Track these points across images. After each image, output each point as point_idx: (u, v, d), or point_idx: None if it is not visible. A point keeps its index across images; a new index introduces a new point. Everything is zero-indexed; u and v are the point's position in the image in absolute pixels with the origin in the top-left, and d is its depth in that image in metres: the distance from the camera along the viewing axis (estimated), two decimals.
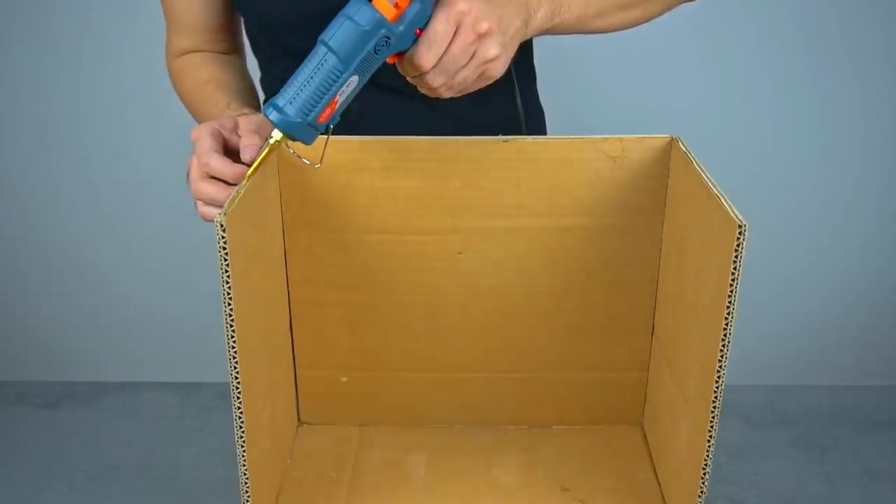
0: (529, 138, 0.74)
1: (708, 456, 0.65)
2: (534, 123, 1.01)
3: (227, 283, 0.59)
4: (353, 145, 0.75)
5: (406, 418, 0.87)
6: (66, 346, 1.93)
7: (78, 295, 1.90)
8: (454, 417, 0.87)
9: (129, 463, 0.88)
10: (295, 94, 0.65)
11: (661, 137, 0.75)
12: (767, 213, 1.77)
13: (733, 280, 0.59)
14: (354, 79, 0.65)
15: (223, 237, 0.58)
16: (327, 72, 0.64)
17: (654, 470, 0.81)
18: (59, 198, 1.81)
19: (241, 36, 0.99)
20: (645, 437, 0.86)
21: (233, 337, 0.61)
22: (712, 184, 0.64)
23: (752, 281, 1.07)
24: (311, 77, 0.65)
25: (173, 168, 1.76)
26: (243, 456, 0.65)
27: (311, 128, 0.66)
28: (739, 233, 0.58)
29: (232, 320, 0.60)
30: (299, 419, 0.88)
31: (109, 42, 1.67)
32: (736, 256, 0.58)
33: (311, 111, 0.65)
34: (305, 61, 0.65)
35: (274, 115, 0.65)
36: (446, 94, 0.69)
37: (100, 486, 0.88)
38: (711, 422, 0.64)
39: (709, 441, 0.65)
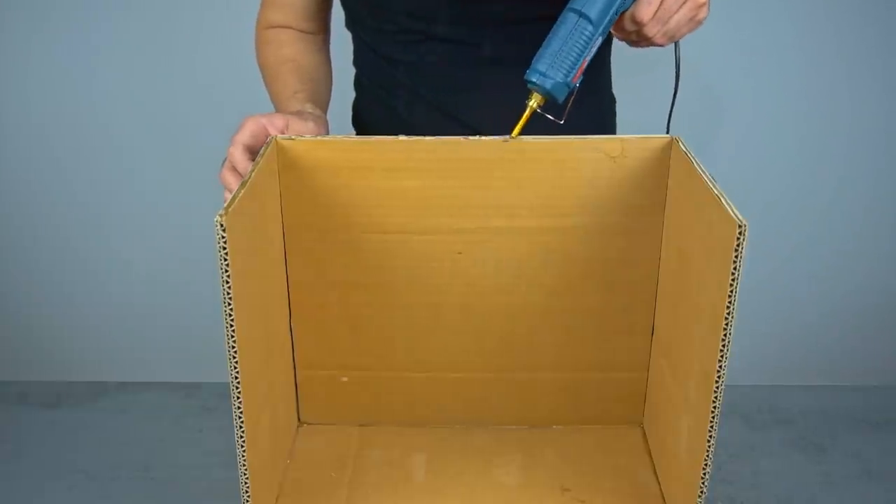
0: (530, 138, 0.74)
1: (708, 456, 0.65)
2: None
3: (227, 283, 0.59)
4: (353, 145, 0.75)
5: (406, 418, 0.87)
6: (66, 346, 1.93)
7: (78, 295, 1.90)
8: (454, 417, 0.87)
9: (129, 463, 0.88)
10: (554, 59, 0.73)
11: (661, 137, 0.75)
12: (767, 213, 1.77)
13: (733, 280, 0.59)
14: (599, 40, 0.74)
15: (223, 237, 0.58)
16: (582, 37, 0.73)
17: (654, 470, 0.81)
18: (59, 197, 1.81)
19: (331, 16, 1.02)
20: (645, 437, 0.86)
21: (233, 337, 0.61)
22: (712, 184, 0.64)
23: (752, 281, 1.07)
24: (567, 42, 0.73)
25: (174, 168, 1.77)
26: (243, 456, 0.65)
27: (567, 87, 0.74)
28: (739, 233, 0.58)
29: (232, 320, 0.60)
30: (299, 419, 0.88)
31: (108, 43, 1.67)
32: (736, 256, 0.58)
33: (570, 73, 0.73)
34: (557, 29, 0.73)
35: (540, 79, 0.73)
36: (660, 42, 0.77)
37: (100, 486, 0.88)
38: (711, 422, 0.64)
39: (709, 441, 0.65)
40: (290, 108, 0.88)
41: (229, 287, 0.59)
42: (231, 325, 0.60)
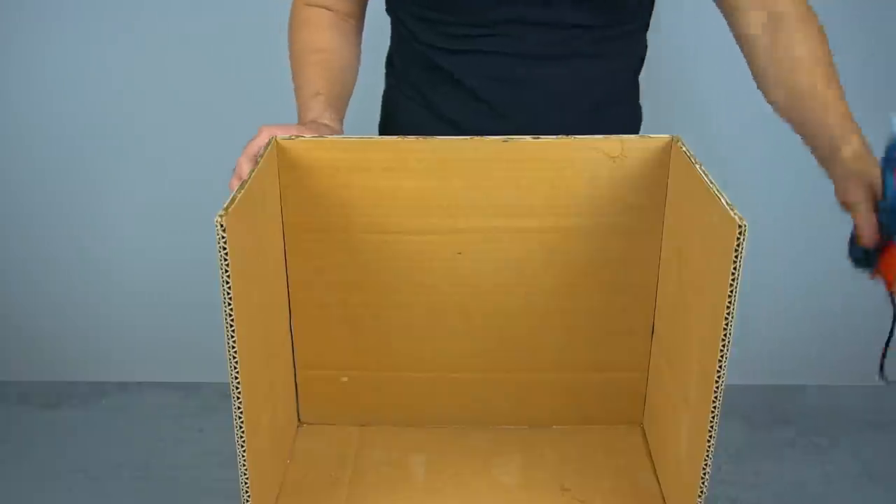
0: (529, 138, 0.74)
1: (708, 456, 0.65)
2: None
3: (227, 283, 0.59)
4: (353, 145, 0.75)
5: (406, 418, 0.87)
6: (66, 346, 1.93)
7: (78, 295, 1.90)
8: (454, 417, 0.87)
9: (129, 463, 0.88)
10: None
11: (661, 137, 0.75)
12: (767, 213, 1.77)
13: (733, 280, 0.59)
14: None
15: (223, 237, 0.58)
16: None
17: (654, 470, 0.81)
18: (58, 197, 1.81)
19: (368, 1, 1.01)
20: (645, 437, 0.86)
21: (233, 337, 0.61)
22: (712, 184, 0.64)
23: (753, 281, 1.07)
24: None
25: (173, 168, 1.77)
26: (243, 456, 0.65)
27: None
28: (739, 233, 0.58)
29: (232, 320, 0.60)
30: (299, 419, 0.88)
31: (108, 42, 1.67)
32: (736, 256, 0.58)
33: None
34: None
35: None
36: None
37: (100, 486, 0.88)
38: (711, 422, 0.64)
39: (709, 441, 0.65)
40: (308, 111, 0.87)
41: (229, 287, 0.59)
42: (231, 325, 0.60)
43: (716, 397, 0.63)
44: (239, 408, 0.63)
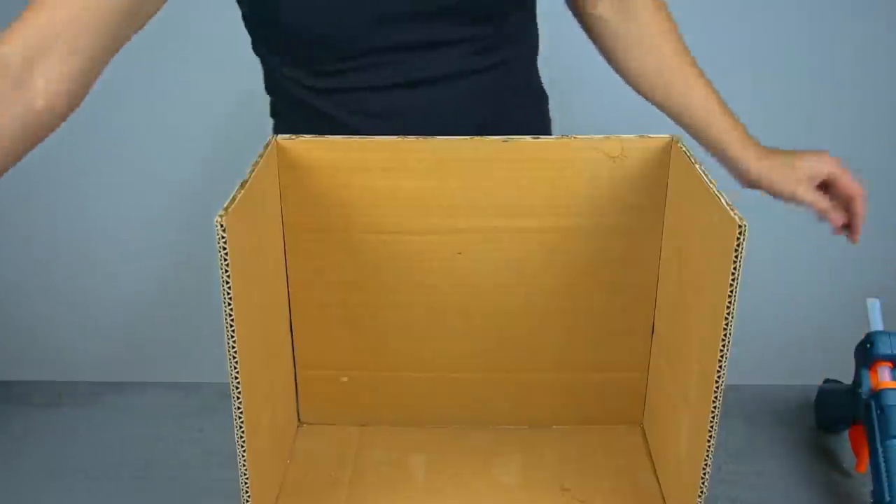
0: (529, 138, 0.74)
1: (708, 456, 0.65)
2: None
3: (227, 283, 0.59)
4: (353, 145, 0.75)
5: (406, 418, 0.87)
6: (66, 346, 1.93)
7: (78, 295, 1.90)
8: (454, 417, 0.87)
9: (129, 463, 0.88)
10: None
11: (661, 137, 0.75)
12: (767, 213, 1.77)
13: (733, 280, 0.59)
14: None
15: (223, 237, 0.58)
16: None
17: (654, 470, 0.81)
18: (58, 196, 1.81)
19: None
20: (645, 437, 0.86)
21: (233, 337, 0.61)
22: (712, 184, 0.64)
23: (752, 281, 1.07)
24: None
25: (173, 167, 1.77)
26: (243, 456, 0.65)
27: None
28: (739, 233, 0.58)
29: (232, 320, 0.60)
30: (299, 419, 0.88)
31: None
32: (736, 256, 0.58)
33: None
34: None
35: None
36: None
37: (100, 486, 0.88)
38: (711, 422, 0.64)
39: (709, 441, 0.65)
40: None
41: (229, 287, 0.59)
42: (231, 325, 0.60)
43: (716, 397, 0.63)
44: (239, 408, 0.63)
